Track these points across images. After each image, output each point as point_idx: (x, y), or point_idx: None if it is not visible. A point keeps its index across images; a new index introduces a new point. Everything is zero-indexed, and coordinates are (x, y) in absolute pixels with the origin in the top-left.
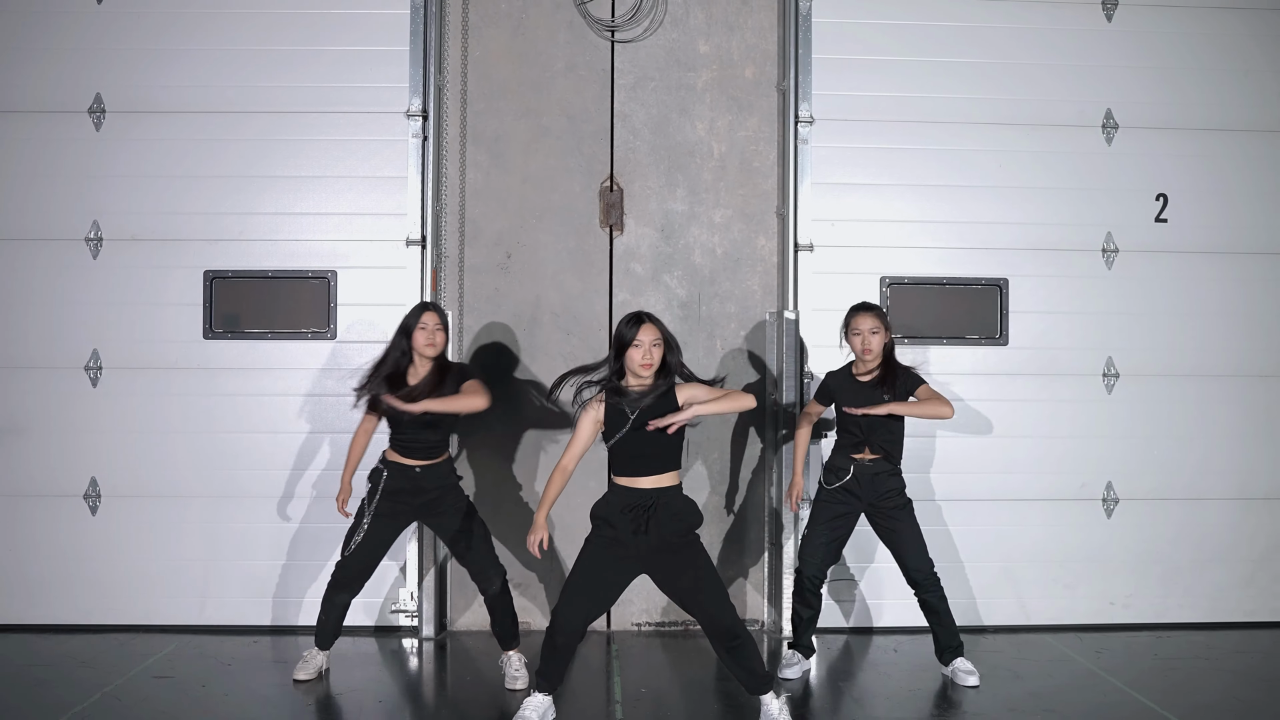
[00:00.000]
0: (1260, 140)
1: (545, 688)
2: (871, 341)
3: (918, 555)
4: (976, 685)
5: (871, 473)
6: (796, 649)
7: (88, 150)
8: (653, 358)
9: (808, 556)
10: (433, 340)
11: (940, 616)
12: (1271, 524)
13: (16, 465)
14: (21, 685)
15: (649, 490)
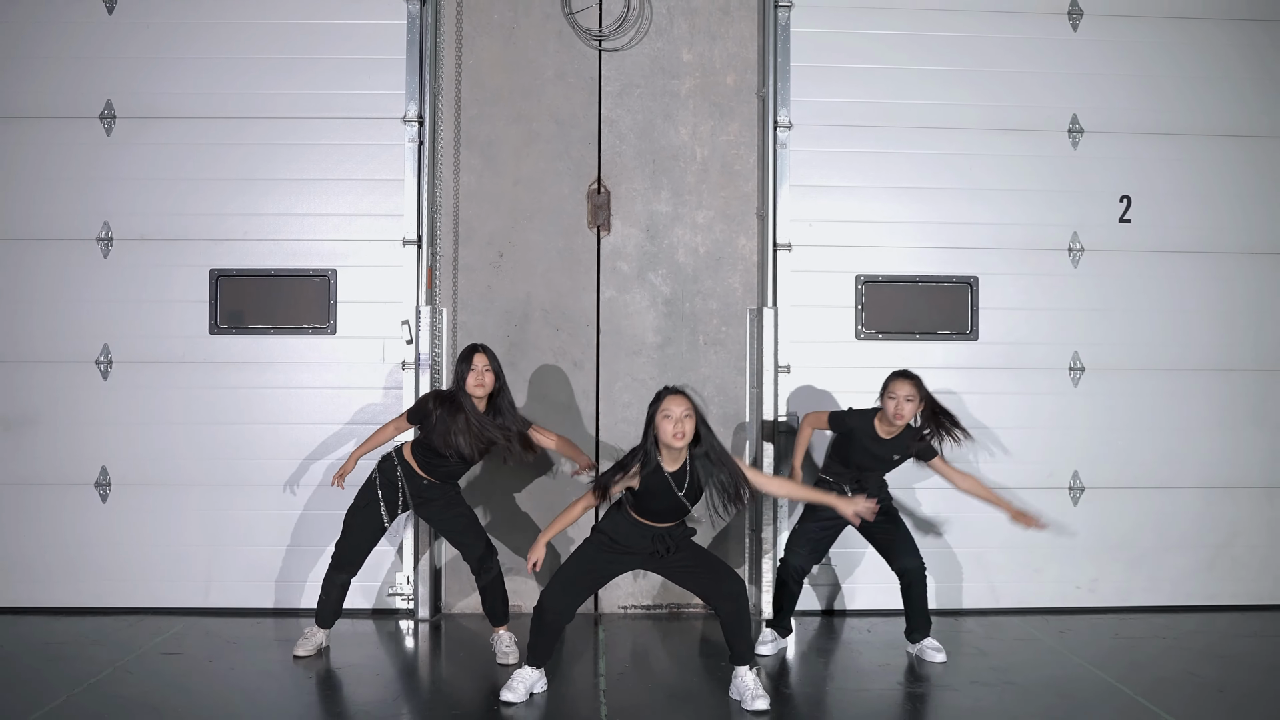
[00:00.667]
0: (1219, 144)
1: (535, 662)
2: (905, 408)
3: (911, 554)
4: (944, 661)
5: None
6: (774, 628)
7: (99, 154)
8: (685, 429)
9: (795, 548)
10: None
11: (918, 603)
12: (1231, 511)
13: (31, 455)
14: (39, 661)
15: (663, 530)
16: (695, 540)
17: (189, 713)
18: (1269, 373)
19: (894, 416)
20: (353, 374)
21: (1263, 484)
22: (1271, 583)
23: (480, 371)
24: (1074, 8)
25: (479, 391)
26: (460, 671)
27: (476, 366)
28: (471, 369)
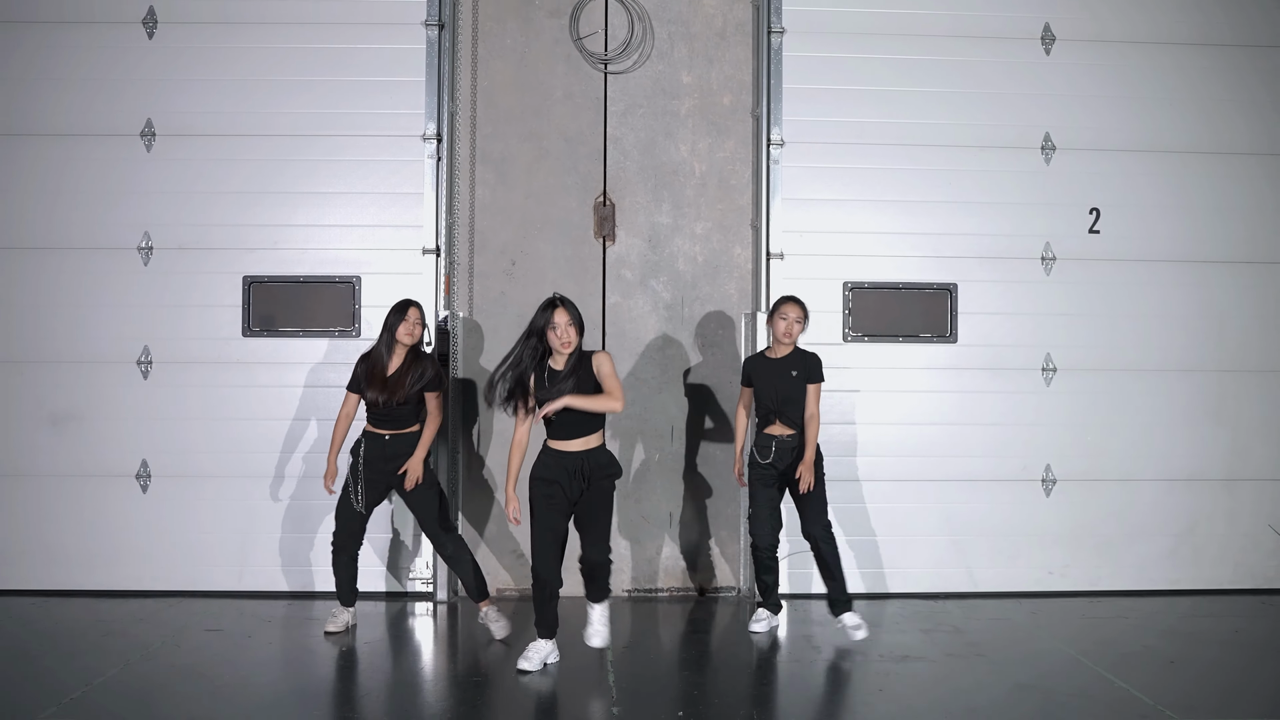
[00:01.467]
0: (1180, 159)
1: (545, 632)
2: (794, 329)
3: (815, 521)
4: (864, 636)
5: (789, 447)
6: (766, 608)
7: (139, 169)
8: (570, 336)
9: (758, 530)
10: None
11: (832, 571)
12: (1192, 502)
13: (76, 449)
14: (94, 637)
15: (580, 453)
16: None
17: (237, 680)
18: (1227, 373)
19: (784, 335)
20: None
21: (1222, 477)
22: (1230, 569)
23: (412, 324)
24: (1047, 33)
25: (407, 340)
26: (476, 645)
27: (410, 318)
28: (404, 320)
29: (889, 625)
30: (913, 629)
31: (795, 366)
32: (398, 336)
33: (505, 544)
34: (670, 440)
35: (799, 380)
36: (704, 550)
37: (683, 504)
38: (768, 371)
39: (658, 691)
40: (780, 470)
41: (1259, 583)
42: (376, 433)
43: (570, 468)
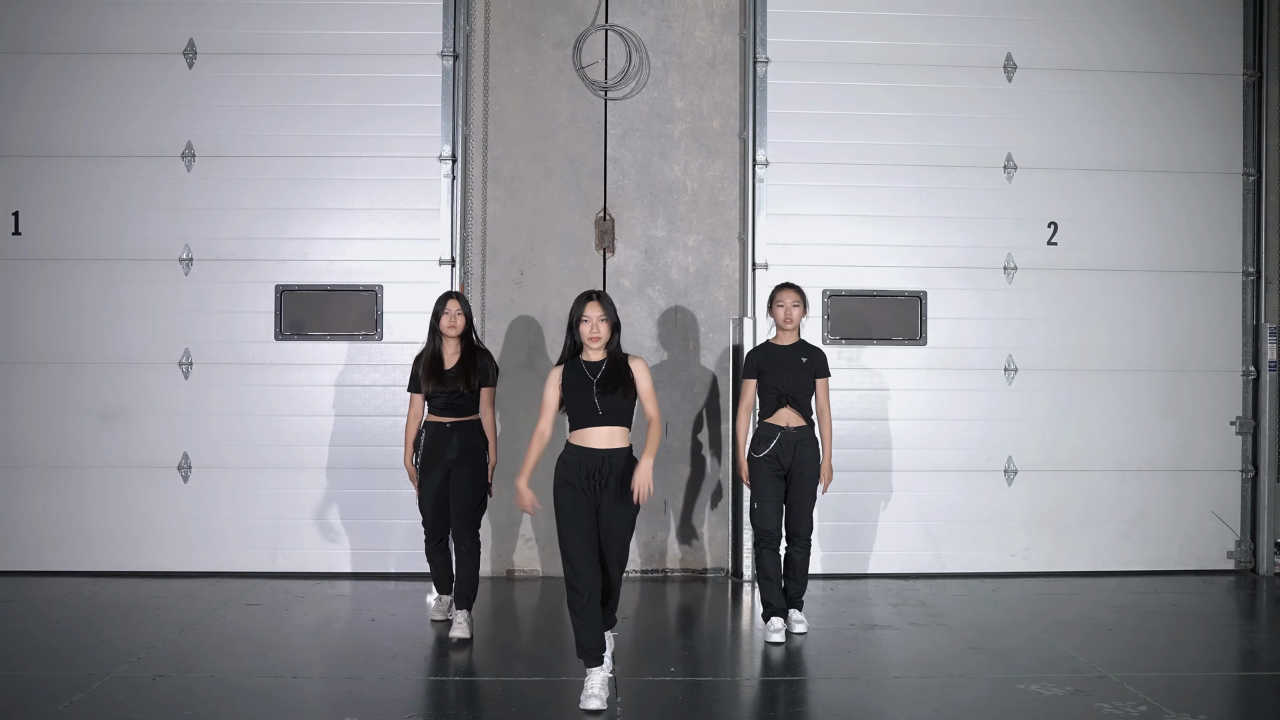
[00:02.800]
0: (1131, 178)
1: (594, 661)
2: (793, 313)
3: (808, 518)
4: (805, 632)
5: (794, 440)
6: (777, 614)
7: (181, 187)
8: (601, 331)
9: (767, 515)
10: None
11: (799, 573)
12: (1142, 491)
13: (123, 442)
14: (146, 610)
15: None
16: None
17: (281, 641)
18: (1173, 372)
19: (785, 321)
20: (397, 374)
21: (1169, 468)
22: (1177, 551)
23: (453, 315)
24: (1009, 62)
25: (451, 332)
26: (502, 613)
27: (449, 310)
28: (445, 312)
29: (861, 601)
30: (883, 604)
31: (804, 354)
32: (441, 329)
33: (514, 529)
34: (666, 435)
35: (809, 369)
36: (696, 536)
37: (677, 494)
38: (777, 359)
39: (650, 654)
40: (783, 464)
41: (1202, 564)
42: (438, 421)
43: (589, 467)
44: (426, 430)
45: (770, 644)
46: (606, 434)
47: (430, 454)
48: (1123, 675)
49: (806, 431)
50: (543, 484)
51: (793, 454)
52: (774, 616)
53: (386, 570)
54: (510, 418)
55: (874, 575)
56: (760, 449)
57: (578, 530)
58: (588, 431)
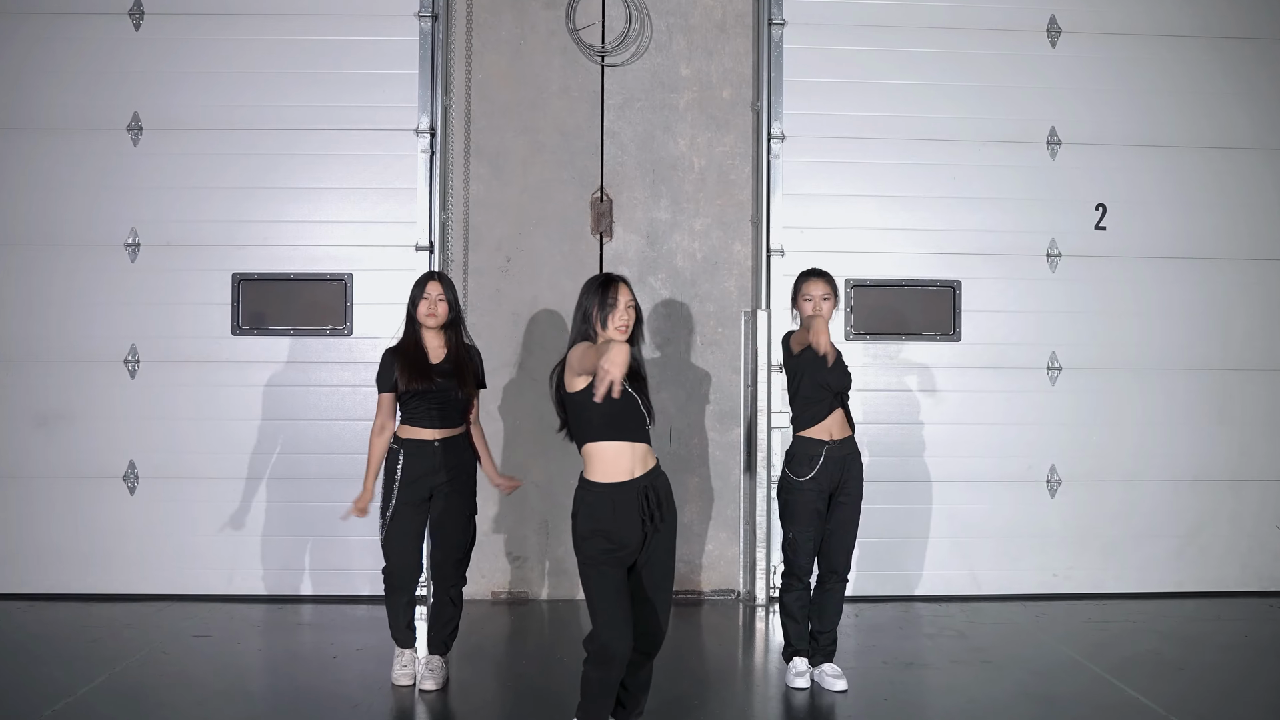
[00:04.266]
0: (1187, 154)
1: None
2: (824, 308)
3: (849, 551)
4: (845, 690)
5: (840, 455)
6: (800, 655)
7: (126, 164)
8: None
9: (805, 548)
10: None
11: (833, 616)
12: (1197, 503)
13: (62, 449)
14: (79, 643)
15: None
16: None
17: (224, 688)
18: (1234, 371)
19: None
20: (368, 373)
21: (1227, 478)
22: (1236, 570)
23: (433, 300)
24: (1053, 25)
25: (431, 321)
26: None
27: (430, 294)
28: (424, 297)
29: (891, 630)
30: (916, 634)
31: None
32: (419, 319)
33: (499, 548)
34: (669, 442)
35: (848, 371)
36: (703, 554)
37: (680, 506)
38: (817, 359)
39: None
40: (826, 489)
41: (1265, 585)
42: (419, 438)
43: (632, 504)
44: (404, 450)
45: (793, 689)
46: (645, 453)
47: (410, 480)
48: None
49: (851, 443)
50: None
51: (841, 472)
52: (797, 656)
53: (356, 593)
54: (493, 424)
55: (902, 597)
56: (803, 470)
57: (615, 591)
58: (626, 450)
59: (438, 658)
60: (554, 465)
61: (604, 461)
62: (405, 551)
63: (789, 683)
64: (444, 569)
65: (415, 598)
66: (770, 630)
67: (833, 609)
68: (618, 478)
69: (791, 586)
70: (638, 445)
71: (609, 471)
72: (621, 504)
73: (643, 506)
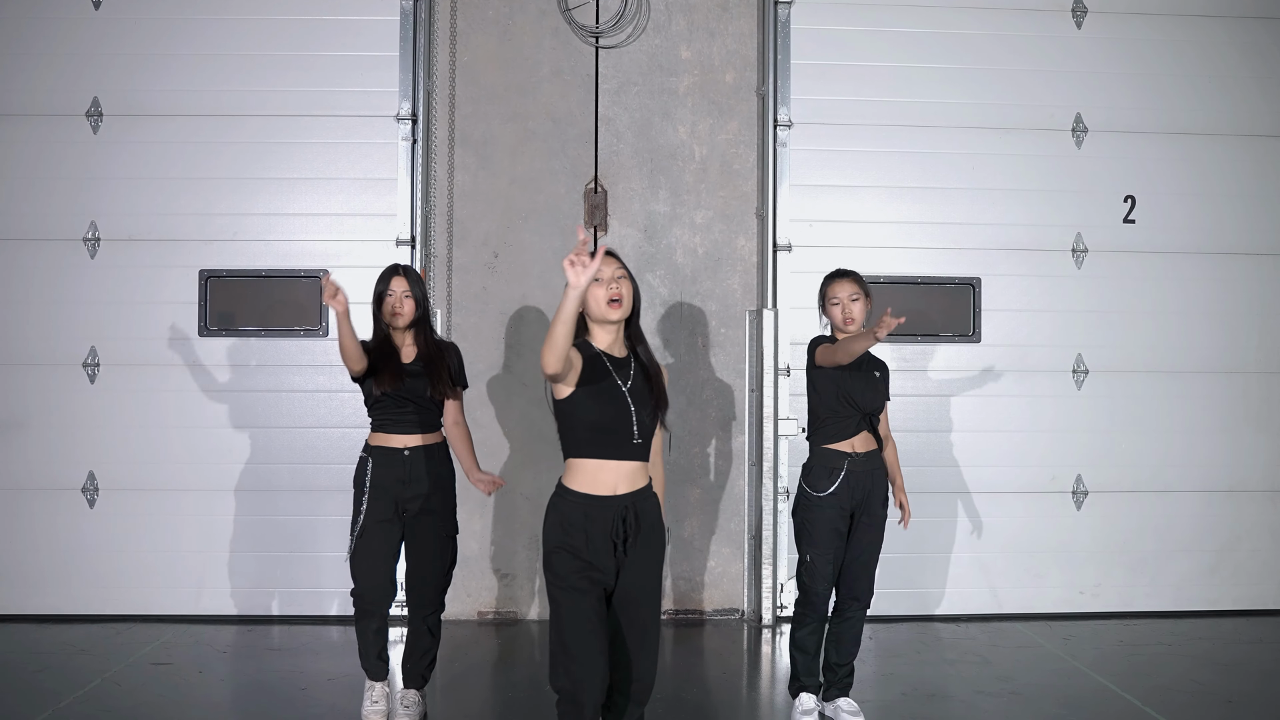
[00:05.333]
0: (1226, 143)
1: None
2: (853, 310)
3: (871, 576)
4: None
5: (866, 469)
6: (807, 691)
7: (86, 153)
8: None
9: (823, 572)
10: None
11: (851, 646)
12: (1234, 516)
13: (16, 459)
14: (22, 674)
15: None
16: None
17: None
18: (1272, 375)
19: (844, 323)
20: (345, 376)
21: (1266, 488)
22: (1275, 587)
23: (399, 296)
24: (1078, 5)
25: (397, 321)
26: (450, 680)
27: (394, 290)
28: (388, 293)
29: (910, 655)
30: (936, 660)
31: (875, 367)
32: (385, 317)
33: (485, 564)
34: (669, 450)
35: (883, 385)
36: (705, 570)
37: (681, 520)
38: (855, 368)
39: None
40: (848, 506)
41: None
42: (389, 446)
43: (602, 520)
44: (372, 458)
45: None
46: (633, 471)
47: (378, 493)
48: None
49: (876, 458)
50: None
51: (864, 488)
52: (804, 693)
53: (329, 613)
54: (479, 432)
55: (920, 617)
56: (822, 485)
57: (581, 617)
58: (608, 466)
59: (414, 692)
60: (544, 476)
61: (585, 473)
62: (374, 572)
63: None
64: (420, 594)
65: (387, 625)
66: (777, 653)
67: (851, 639)
68: (596, 491)
69: (805, 620)
70: (625, 463)
71: (588, 484)
72: (596, 519)
73: (616, 527)
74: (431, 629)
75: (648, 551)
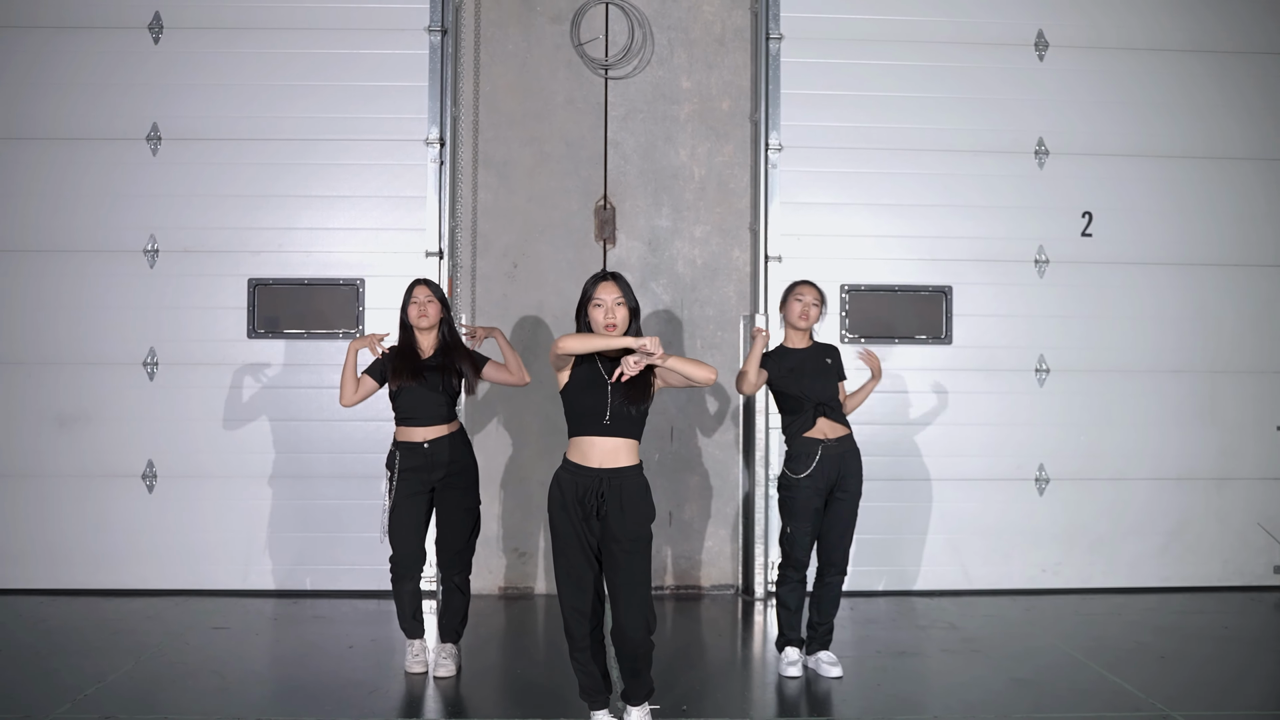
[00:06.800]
0: (1170, 164)
1: (598, 704)
2: (811, 311)
3: (848, 545)
4: (840, 676)
5: (836, 452)
6: (794, 645)
7: (145, 173)
8: (615, 317)
9: (802, 542)
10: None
11: (830, 607)
12: (1183, 501)
13: (84, 450)
14: (101, 635)
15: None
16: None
17: (247, 675)
18: (1218, 373)
19: (800, 318)
20: None
21: (1212, 476)
22: (1220, 566)
23: (422, 304)
24: (1040, 40)
25: (423, 323)
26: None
27: (418, 298)
28: (413, 300)
29: (885, 622)
30: (909, 626)
31: (827, 355)
32: (410, 320)
33: (507, 543)
34: (670, 441)
35: (834, 371)
36: (703, 550)
37: (680, 504)
38: (802, 364)
39: (662, 688)
40: (823, 486)
41: (1249, 580)
42: (411, 441)
43: (583, 489)
44: (399, 451)
45: (785, 678)
46: (611, 448)
47: (406, 476)
48: (1186, 713)
49: (848, 441)
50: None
51: (837, 469)
52: (790, 646)
53: (367, 588)
54: (500, 423)
55: (896, 592)
56: (800, 467)
57: (568, 564)
58: (586, 443)
59: (450, 645)
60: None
61: (576, 448)
62: (407, 541)
63: (782, 671)
64: (450, 559)
65: (420, 588)
66: (768, 623)
67: (830, 601)
68: (584, 463)
69: (787, 579)
70: (608, 440)
71: (578, 457)
72: (580, 486)
73: (590, 496)
74: (461, 588)
75: (622, 517)
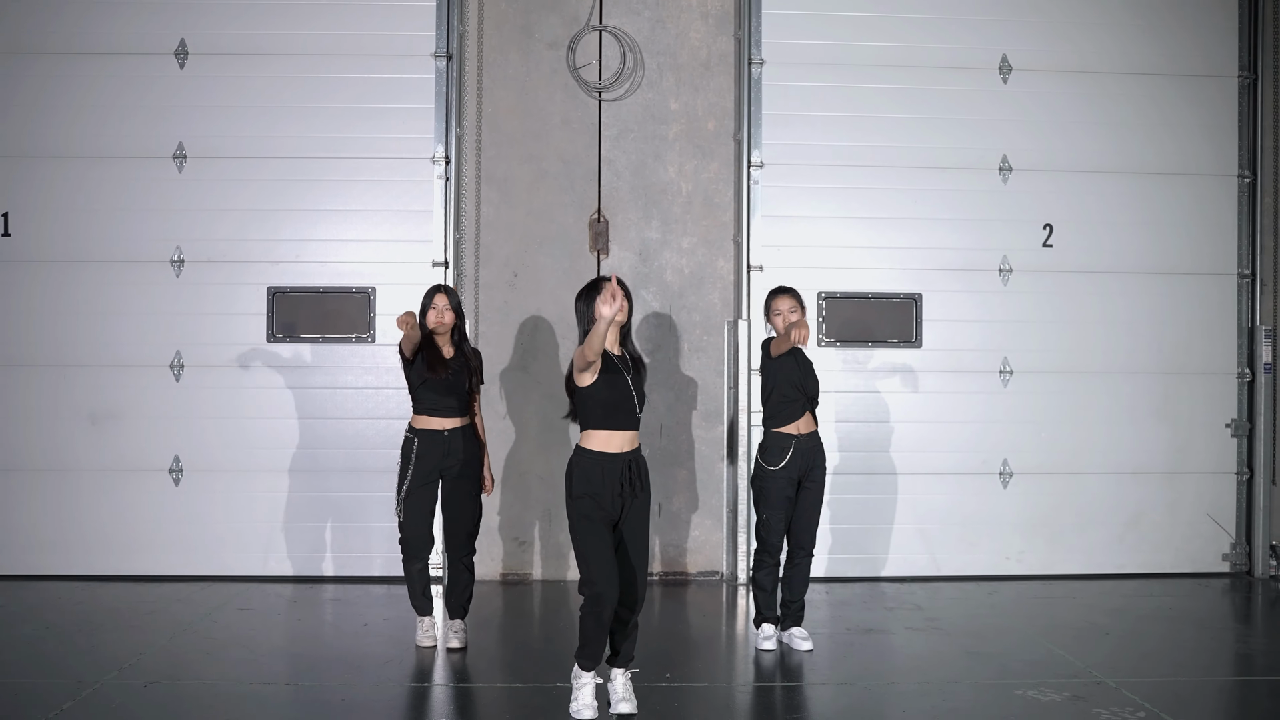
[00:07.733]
0: (1130, 181)
1: (593, 665)
2: (790, 319)
3: (815, 530)
4: (811, 649)
5: (808, 447)
6: (770, 622)
7: (172, 189)
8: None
9: (777, 528)
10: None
11: (801, 586)
12: (1137, 493)
13: (113, 446)
14: (135, 617)
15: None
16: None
17: (272, 648)
18: (1169, 375)
19: (782, 327)
20: (389, 376)
21: (1164, 470)
22: (1172, 554)
23: (440, 310)
24: (1004, 64)
25: (440, 328)
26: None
27: (437, 305)
28: (432, 306)
29: (856, 604)
30: (878, 608)
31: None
32: (429, 324)
33: (506, 532)
34: (660, 438)
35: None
36: (689, 538)
37: (669, 496)
38: (792, 365)
39: (646, 658)
40: (795, 477)
41: (1197, 567)
42: (432, 429)
43: (613, 472)
44: (419, 438)
45: (761, 651)
46: (632, 435)
47: (423, 463)
48: (1120, 680)
49: (817, 437)
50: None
51: (808, 462)
52: (766, 623)
53: (378, 574)
54: (501, 420)
55: (869, 578)
56: (775, 460)
57: (602, 543)
58: (617, 434)
59: (458, 621)
60: (556, 460)
61: (600, 439)
62: (419, 523)
63: (758, 645)
64: (456, 539)
65: (428, 568)
66: (749, 606)
67: (800, 580)
68: (610, 450)
69: (763, 563)
70: (628, 432)
71: (602, 446)
72: (609, 471)
73: (624, 474)
74: (468, 567)
75: (644, 494)
